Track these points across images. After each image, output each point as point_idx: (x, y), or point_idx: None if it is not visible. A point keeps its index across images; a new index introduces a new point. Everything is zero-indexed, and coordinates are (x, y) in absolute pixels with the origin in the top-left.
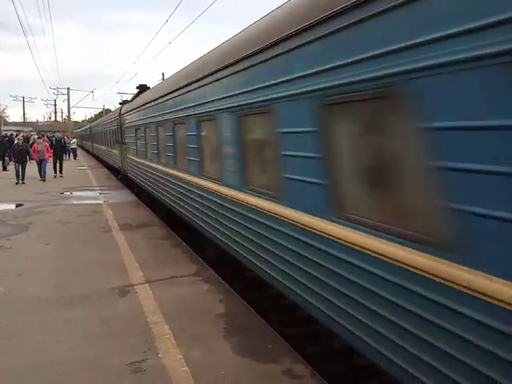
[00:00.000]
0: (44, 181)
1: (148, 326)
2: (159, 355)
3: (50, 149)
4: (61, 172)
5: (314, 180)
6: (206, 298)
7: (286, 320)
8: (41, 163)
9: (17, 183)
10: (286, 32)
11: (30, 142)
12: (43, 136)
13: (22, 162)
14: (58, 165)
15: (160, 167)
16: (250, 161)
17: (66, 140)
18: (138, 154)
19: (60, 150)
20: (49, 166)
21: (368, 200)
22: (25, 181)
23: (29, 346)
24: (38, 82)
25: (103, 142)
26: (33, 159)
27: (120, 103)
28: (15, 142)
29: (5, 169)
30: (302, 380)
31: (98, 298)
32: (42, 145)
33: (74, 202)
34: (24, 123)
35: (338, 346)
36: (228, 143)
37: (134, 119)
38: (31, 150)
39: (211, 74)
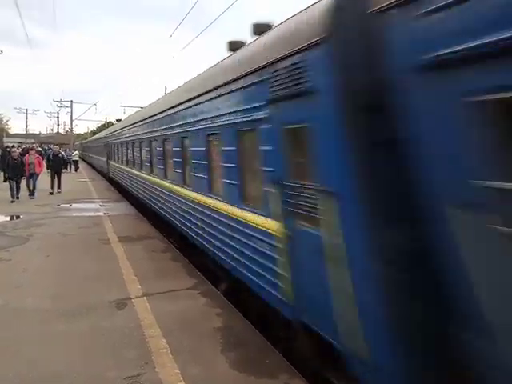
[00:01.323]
0: (32, 198)
1: (145, 340)
2: (156, 369)
3: (42, 162)
4: (59, 187)
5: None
6: (203, 311)
7: (284, 335)
8: (31, 177)
9: (12, 201)
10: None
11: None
12: (34, 148)
13: (17, 177)
14: (56, 180)
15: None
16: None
17: (65, 153)
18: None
19: (58, 164)
20: (46, 181)
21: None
22: (19, 196)
23: (25, 357)
24: (42, 94)
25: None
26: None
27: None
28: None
29: (5, 180)
30: None
31: (96, 311)
32: (33, 157)
33: (74, 214)
34: (26, 135)
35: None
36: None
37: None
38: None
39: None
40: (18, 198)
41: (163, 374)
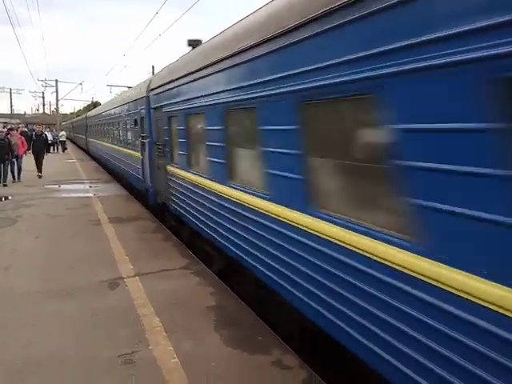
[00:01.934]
0: (18, 181)
1: (138, 319)
2: (150, 347)
3: (25, 142)
4: (40, 171)
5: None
6: (196, 290)
7: (276, 313)
8: (15, 160)
9: (5, 185)
10: None
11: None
12: (14, 128)
13: (2, 160)
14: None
15: None
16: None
17: (52, 134)
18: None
19: (41, 145)
20: (31, 163)
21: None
22: (7, 183)
23: (18, 339)
24: (26, 73)
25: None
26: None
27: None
28: None
29: None
30: (291, 371)
31: (88, 291)
32: (16, 137)
33: (63, 196)
34: (11, 115)
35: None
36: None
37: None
38: None
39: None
40: (5, 183)
41: (157, 352)
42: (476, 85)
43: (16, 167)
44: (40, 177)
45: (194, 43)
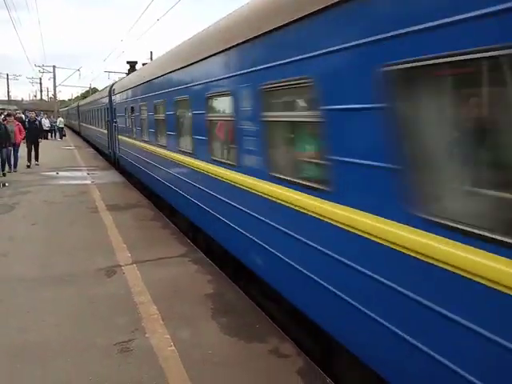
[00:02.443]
0: (14, 170)
1: (135, 307)
2: (146, 335)
3: (23, 130)
4: (36, 159)
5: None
6: (194, 278)
7: (274, 301)
8: (12, 148)
9: (3, 174)
10: None
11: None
12: (11, 114)
13: (1, 147)
14: (32, 151)
15: None
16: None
17: (49, 120)
18: None
19: (34, 133)
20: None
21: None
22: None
23: (15, 325)
24: (23, 58)
25: None
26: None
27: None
28: None
29: None
30: (289, 359)
31: (85, 279)
32: (13, 124)
33: (61, 183)
34: (9, 101)
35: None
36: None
37: None
38: None
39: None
40: (4, 172)
41: (154, 340)
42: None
43: (12, 156)
44: (37, 165)
45: (132, 63)
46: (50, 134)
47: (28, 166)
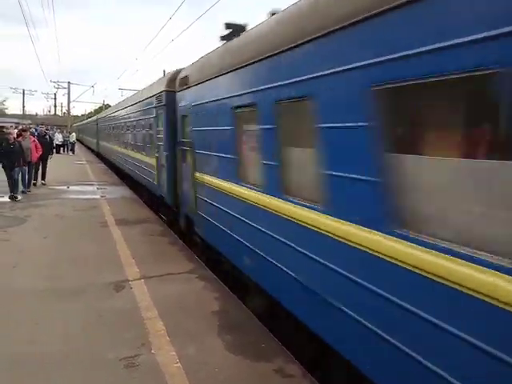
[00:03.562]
0: (28, 191)
1: (142, 322)
2: (152, 351)
3: (39, 146)
4: (43, 178)
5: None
6: (200, 295)
7: (280, 321)
8: (27, 166)
9: (15, 199)
10: None
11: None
12: (27, 129)
13: (11, 167)
14: (41, 167)
15: None
16: None
17: (62, 135)
18: None
19: (44, 148)
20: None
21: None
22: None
23: (23, 336)
24: (39, 74)
25: None
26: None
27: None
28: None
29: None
30: (294, 379)
31: (93, 292)
32: (29, 140)
33: (72, 197)
34: (23, 116)
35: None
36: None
37: None
38: None
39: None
40: (15, 196)
41: (160, 356)
42: None
43: (27, 176)
44: (43, 184)
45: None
46: (62, 148)
47: (34, 184)
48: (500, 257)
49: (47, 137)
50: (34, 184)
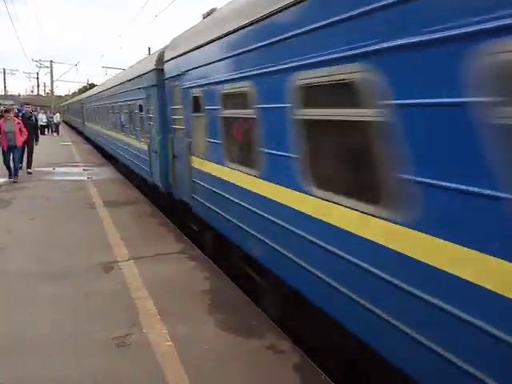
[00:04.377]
0: (15, 178)
1: (133, 302)
2: (143, 330)
3: (24, 129)
4: (29, 166)
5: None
6: (191, 275)
7: (271, 298)
8: (11, 151)
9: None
10: None
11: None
12: (11, 110)
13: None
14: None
15: None
16: None
17: (45, 115)
18: None
19: (29, 131)
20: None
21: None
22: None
23: (12, 320)
24: (20, 53)
25: None
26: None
27: None
28: None
29: None
30: (285, 355)
31: (82, 274)
32: (13, 122)
33: (58, 178)
34: (5, 96)
35: (321, 323)
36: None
37: None
38: None
39: None
40: (15, 180)
41: (151, 335)
42: None
43: (12, 164)
44: (29, 173)
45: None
46: (46, 129)
47: (20, 168)
48: None
49: (33, 118)
50: (20, 168)
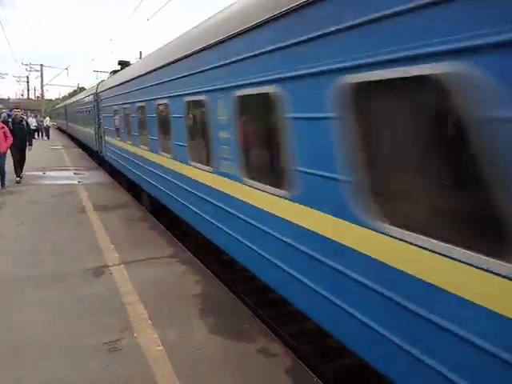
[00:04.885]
0: (3, 189)
1: (123, 307)
2: (134, 335)
3: (9, 135)
4: (20, 171)
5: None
6: (182, 279)
7: (261, 301)
8: None
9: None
10: None
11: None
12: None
13: None
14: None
15: None
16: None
17: (35, 119)
18: None
19: (20, 136)
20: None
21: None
22: None
23: (2, 324)
24: (9, 56)
25: None
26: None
27: None
28: None
29: None
30: (277, 358)
31: (73, 279)
32: None
33: (48, 182)
34: None
35: (311, 326)
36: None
37: None
38: None
39: None
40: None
41: (142, 339)
42: None
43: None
44: (17, 182)
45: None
46: (36, 133)
47: (18, 182)
48: None
49: (24, 123)
50: (18, 182)
